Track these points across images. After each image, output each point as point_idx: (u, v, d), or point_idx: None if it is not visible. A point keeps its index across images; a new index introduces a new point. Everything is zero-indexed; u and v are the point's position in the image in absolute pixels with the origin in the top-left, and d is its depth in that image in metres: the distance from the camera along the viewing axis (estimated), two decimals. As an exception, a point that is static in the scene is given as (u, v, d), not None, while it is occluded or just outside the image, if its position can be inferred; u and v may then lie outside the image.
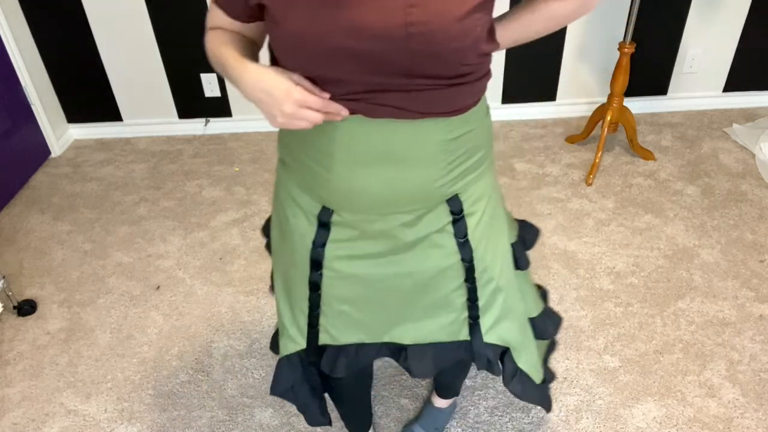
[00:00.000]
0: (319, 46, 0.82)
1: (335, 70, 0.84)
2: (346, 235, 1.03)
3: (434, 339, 1.15)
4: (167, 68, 2.99)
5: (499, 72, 3.03)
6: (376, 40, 0.80)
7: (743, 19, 2.90)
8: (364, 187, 0.96)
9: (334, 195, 0.99)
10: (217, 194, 2.68)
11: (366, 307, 1.11)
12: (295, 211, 1.06)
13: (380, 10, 0.78)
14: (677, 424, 1.65)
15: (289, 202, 1.06)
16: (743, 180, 2.60)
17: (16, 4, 2.78)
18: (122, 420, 1.75)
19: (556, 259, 2.22)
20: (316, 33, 0.81)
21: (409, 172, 0.94)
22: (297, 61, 0.86)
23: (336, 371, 1.17)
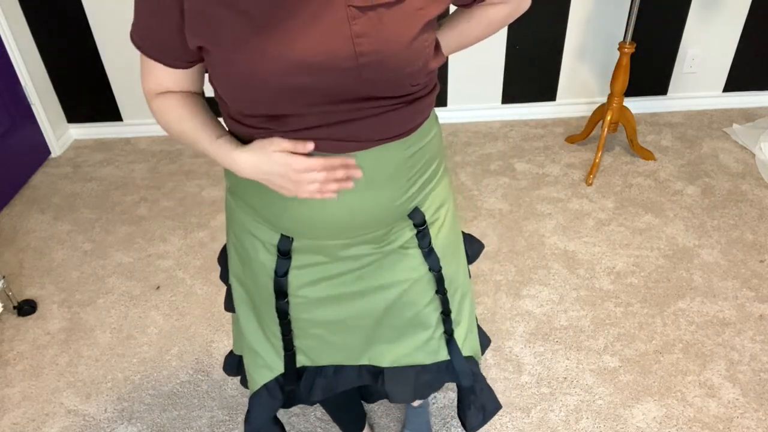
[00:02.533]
0: (269, 85, 0.79)
1: (286, 106, 0.82)
2: (308, 260, 1.00)
3: (414, 361, 1.11)
4: (167, 68, 2.99)
5: (499, 72, 3.03)
6: (328, 73, 0.78)
7: (743, 19, 2.90)
8: (327, 216, 0.93)
9: (294, 224, 0.95)
10: (217, 194, 2.68)
11: (339, 329, 1.07)
12: (252, 243, 1.02)
13: (328, 43, 0.77)
14: (677, 424, 1.65)
15: (245, 234, 1.02)
16: (743, 180, 2.60)
17: (16, 4, 2.78)
18: (122, 420, 1.75)
19: (556, 259, 2.22)
20: (265, 72, 0.78)
21: (372, 196, 0.92)
22: (245, 101, 0.83)
23: (314, 395, 1.14)
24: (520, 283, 2.13)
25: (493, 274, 2.16)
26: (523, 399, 1.74)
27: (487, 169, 2.75)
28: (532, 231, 2.37)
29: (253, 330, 1.12)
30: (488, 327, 1.96)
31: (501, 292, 2.09)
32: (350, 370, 1.14)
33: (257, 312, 1.10)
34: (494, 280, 2.14)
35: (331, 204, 0.91)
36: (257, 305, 1.09)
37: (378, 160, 0.90)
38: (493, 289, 2.11)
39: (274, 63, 0.77)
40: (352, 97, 0.82)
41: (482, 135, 3.03)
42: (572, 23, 2.89)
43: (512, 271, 2.18)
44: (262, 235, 1.00)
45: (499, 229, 2.39)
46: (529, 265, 2.20)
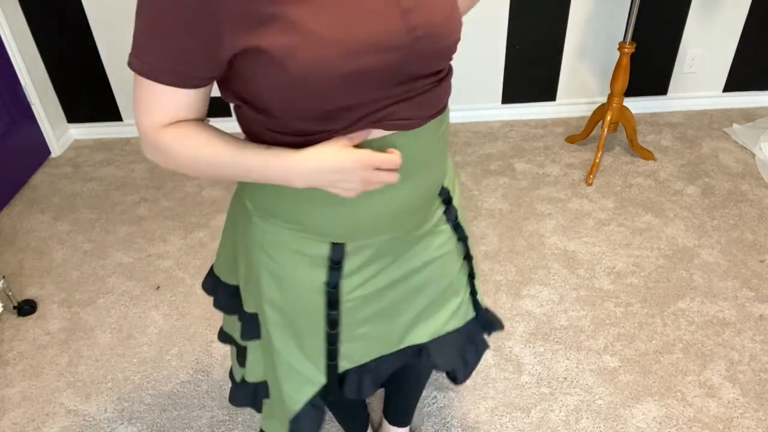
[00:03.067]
0: (334, 75, 0.74)
1: (344, 97, 0.78)
2: (359, 261, 0.98)
3: (450, 328, 1.14)
4: (167, 68, 2.99)
5: (499, 72, 3.03)
6: (387, 53, 0.77)
7: (743, 19, 2.90)
8: (389, 209, 0.92)
9: (353, 228, 0.92)
10: (217, 194, 2.68)
11: (382, 321, 1.07)
12: (296, 261, 0.96)
13: (382, 22, 0.76)
14: (677, 424, 1.65)
15: (285, 254, 0.96)
16: (743, 180, 2.60)
17: (16, 5, 2.78)
18: (122, 420, 1.75)
19: (556, 259, 2.22)
20: (329, 60, 0.74)
21: (422, 178, 0.92)
22: (301, 102, 0.77)
23: (363, 392, 1.14)
24: (520, 283, 2.13)
25: (493, 274, 2.17)
26: (523, 399, 1.74)
27: (487, 169, 2.75)
28: (532, 231, 2.37)
29: (290, 352, 1.07)
30: (488, 327, 1.96)
31: (501, 292, 2.09)
32: (390, 355, 1.15)
33: (296, 333, 1.05)
34: (494, 280, 2.14)
35: (391, 198, 0.90)
36: (297, 325, 1.04)
37: (422, 140, 0.90)
38: (493, 289, 2.11)
39: (337, 47, 0.73)
40: (404, 78, 0.81)
41: (482, 135, 3.03)
42: (572, 23, 2.89)
43: (512, 271, 2.18)
44: (310, 250, 0.95)
45: (499, 229, 2.39)
46: (529, 265, 2.20)
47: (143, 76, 0.76)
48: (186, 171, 0.82)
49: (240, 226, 1.02)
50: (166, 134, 0.79)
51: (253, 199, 0.96)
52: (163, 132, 0.79)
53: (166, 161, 0.81)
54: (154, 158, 0.82)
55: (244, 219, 0.99)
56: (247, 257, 1.01)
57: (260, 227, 0.96)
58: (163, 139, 0.79)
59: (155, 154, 0.81)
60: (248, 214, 0.98)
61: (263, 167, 0.80)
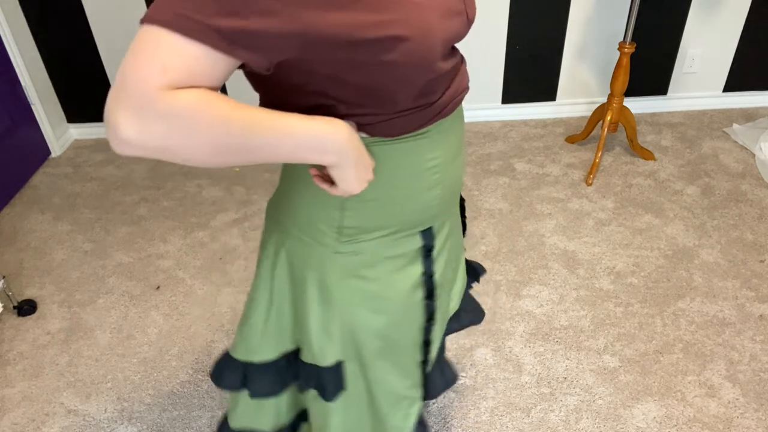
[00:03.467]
0: (438, 39, 0.73)
1: (440, 64, 0.76)
2: (440, 240, 0.98)
3: (464, 285, 1.19)
4: (167, 68, 2.99)
5: (499, 72, 3.03)
6: (458, 16, 0.77)
7: (743, 19, 2.90)
8: (457, 182, 0.94)
9: (440, 207, 0.93)
10: (217, 194, 2.68)
11: (446, 299, 1.09)
12: (392, 269, 0.93)
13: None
14: (677, 424, 1.65)
15: (381, 269, 0.92)
16: (743, 180, 2.60)
17: (16, 5, 2.78)
18: (122, 420, 1.75)
19: (556, 259, 2.22)
20: (435, 23, 0.72)
21: (464, 151, 0.96)
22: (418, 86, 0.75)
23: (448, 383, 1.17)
24: (520, 283, 2.13)
25: (493, 274, 2.16)
26: (523, 399, 1.74)
27: (487, 169, 2.75)
28: (532, 231, 2.37)
29: (392, 377, 1.03)
30: (488, 327, 1.96)
31: (501, 292, 2.09)
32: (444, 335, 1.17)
33: (393, 353, 1.01)
34: (494, 280, 2.14)
35: (457, 167, 0.93)
36: (396, 341, 1.00)
37: (460, 115, 0.92)
38: (493, 289, 2.11)
39: (435, 10, 0.72)
40: (454, 46, 0.83)
41: (482, 135, 3.03)
42: (572, 23, 2.89)
43: (512, 271, 2.18)
44: (404, 248, 0.93)
45: (499, 229, 2.39)
46: (529, 265, 2.20)
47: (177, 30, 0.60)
48: (204, 146, 0.64)
49: (309, 277, 0.92)
50: (185, 93, 0.61)
51: (338, 226, 0.88)
52: (180, 92, 0.61)
53: (177, 133, 0.61)
54: (150, 130, 0.60)
55: (319, 263, 0.91)
56: (328, 302, 0.93)
57: (348, 255, 0.90)
58: (181, 99, 0.61)
59: (157, 122, 0.60)
60: (328, 252, 0.89)
61: (308, 128, 0.69)
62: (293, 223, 0.90)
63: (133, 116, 0.60)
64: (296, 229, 0.90)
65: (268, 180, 2.75)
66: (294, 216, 0.90)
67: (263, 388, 1.05)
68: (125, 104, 0.60)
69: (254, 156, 0.68)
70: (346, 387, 1.01)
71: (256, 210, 2.56)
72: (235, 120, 0.64)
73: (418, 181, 0.87)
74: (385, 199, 0.86)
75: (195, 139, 0.63)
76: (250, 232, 2.44)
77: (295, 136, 0.69)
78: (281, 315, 0.99)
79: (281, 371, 1.05)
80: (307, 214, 0.88)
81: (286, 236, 0.92)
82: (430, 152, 0.86)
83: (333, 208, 0.86)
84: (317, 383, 1.00)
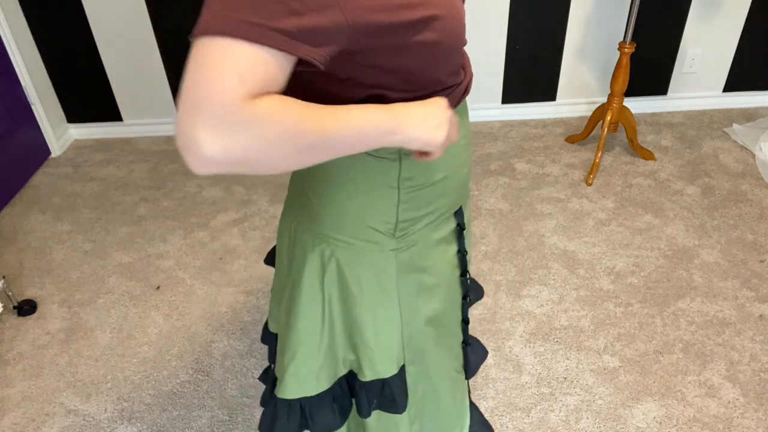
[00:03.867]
0: (461, 20, 0.76)
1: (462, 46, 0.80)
2: (466, 218, 1.04)
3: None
4: (167, 68, 2.99)
5: (499, 72, 3.03)
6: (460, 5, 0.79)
7: (743, 19, 2.90)
8: (468, 164, 0.98)
9: (466, 187, 0.99)
10: (217, 194, 2.68)
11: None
12: (440, 253, 0.95)
13: None
14: (677, 424, 1.65)
15: (431, 256, 0.93)
16: (743, 180, 2.60)
17: (16, 4, 2.78)
18: (122, 420, 1.75)
19: (556, 259, 2.22)
20: (460, 12, 0.75)
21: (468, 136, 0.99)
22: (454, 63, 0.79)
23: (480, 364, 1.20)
24: (520, 283, 2.13)
25: (493, 274, 2.16)
26: (523, 399, 1.74)
27: (487, 169, 2.75)
28: (532, 231, 2.37)
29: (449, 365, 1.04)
30: (488, 327, 1.96)
31: (501, 292, 2.09)
32: None
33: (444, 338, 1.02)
34: (494, 280, 2.14)
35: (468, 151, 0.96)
36: (446, 324, 1.01)
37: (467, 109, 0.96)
38: (493, 289, 2.11)
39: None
40: None
41: (482, 135, 3.03)
42: (572, 23, 2.89)
43: (512, 271, 2.18)
44: (444, 231, 0.96)
45: (499, 229, 2.39)
46: (529, 265, 2.20)
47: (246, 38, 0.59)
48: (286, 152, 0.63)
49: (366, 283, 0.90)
50: (262, 100, 0.60)
51: (395, 222, 0.87)
52: (259, 100, 0.60)
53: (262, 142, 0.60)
54: (236, 143, 0.58)
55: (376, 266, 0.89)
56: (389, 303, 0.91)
57: (404, 249, 0.89)
58: (263, 106, 0.60)
59: (243, 134, 0.58)
60: (383, 252, 0.88)
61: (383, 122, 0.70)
62: (342, 231, 0.88)
63: (217, 132, 0.57)
64: (347, 236, 0.88)
65: (268, 180, 2.75)
66: (342, 224, 0.87)
67: (326, 421, 0.99)
68: (206, 121, 0.57)
69: (334, 150, 0.67)
70: (409, 394, 0.99)
71: (256, 210, 2.56)
72: (308, 118, 0.64)
73: (455, 162, 0.91)
74: (435, 184, 0.88)
75: (280, 145, 0.62)
76: (250, 232, 2.44)
77: (359, 128, 0.68)
78: (333, 334, 0.94)
79: (339, 399, 0.99)
80: (360, 218, 0.86)
81: (334, 247, 0.88)
82: (460, 131, 0.91)
83: (389, 205, 0.85)
84: (384, 400, 0.96)
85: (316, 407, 0.98)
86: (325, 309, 0.92)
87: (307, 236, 0.91)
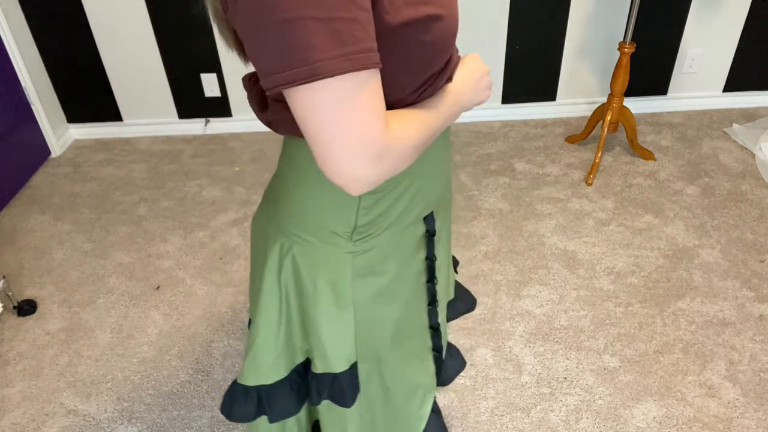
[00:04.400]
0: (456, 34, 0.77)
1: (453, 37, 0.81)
2: (439, 223, 1.00)
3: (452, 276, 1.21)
4: (167, 68, 2.99)
5: (499, 72, 3.03)
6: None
7: (743, 19, 2.90)
8: (450, 165, 0.97)
9: (439, 192, 0.96)
10: (217, 194, 2.68)
11: (445, 282, 1.11)
12: (402, 259, 0.94)
13: None
14: (677, 424, 1.65)
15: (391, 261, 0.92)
16: (743, 180, 2.60)
17: (16, 5, 2.78)
18: (122, 420, 1.75)
19: (556, 259, 2.22)
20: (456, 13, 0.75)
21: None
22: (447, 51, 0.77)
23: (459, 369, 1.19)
24: (520, 283, 2.13)
25: (493, 274, 2.16)
26: (523, 399, 1.74)
27: (487, 169, 2.75)
28: (532, 231, 2.37)
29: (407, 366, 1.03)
30: (488, 327, 1.96)
31: (501, 292, 2.09)
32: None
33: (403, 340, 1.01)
34: (494, 280, 2.14)
35: (447, 157, 0.95)
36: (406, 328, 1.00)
37: None
38: (493, 289, 2.11)
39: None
40: None
41: (482, 135, 3.03)
42: (572, 23, 2.89)
43: (512, 271, 2.18)
44: (411, 237, 0.93)
45: (499, 229, 2.39)
46: (529, 265, 2.20)
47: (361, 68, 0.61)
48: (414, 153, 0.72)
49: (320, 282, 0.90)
50: (392, 125, 0.68)
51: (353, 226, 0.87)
52: (392, 126, 0.67)
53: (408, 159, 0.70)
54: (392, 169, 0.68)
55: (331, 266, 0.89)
56: (343, 304, 0.92)
57: (362, 253, 0.89)
58: (395, 131, 0.67)
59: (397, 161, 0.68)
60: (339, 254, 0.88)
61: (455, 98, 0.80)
62: (301, 228, 0.88)
63: (373, 165, 0.65)
64: (305, 233, 0.88)
65: (268, 180, 2.75)
66: (302, 221, 0.87)
67: (283, 408, 1.02)
68: (362, 159, 0.64)
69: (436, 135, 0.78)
70: (360, 389, 0.99)
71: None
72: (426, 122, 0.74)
73: (427, 168, 0.88)
74: (396, 189, 0.86)
75: (417, 151, 0.72)
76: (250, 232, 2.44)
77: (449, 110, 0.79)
78: (291, 326, 0.96)
79: (296, 386, 1.02)
80: (318, 218, 0.86)
81: (292, 242, 0.89)
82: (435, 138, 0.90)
83: (349, 208, 0.85)
84: (333, 392, 0.98)
85: (273, 394, 1.00)
86: (282, 301, 0.94)
87: (271, 228, 0.92)
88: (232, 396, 1.03)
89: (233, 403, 1.02)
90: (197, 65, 2.98)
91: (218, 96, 3.08)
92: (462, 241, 2.33)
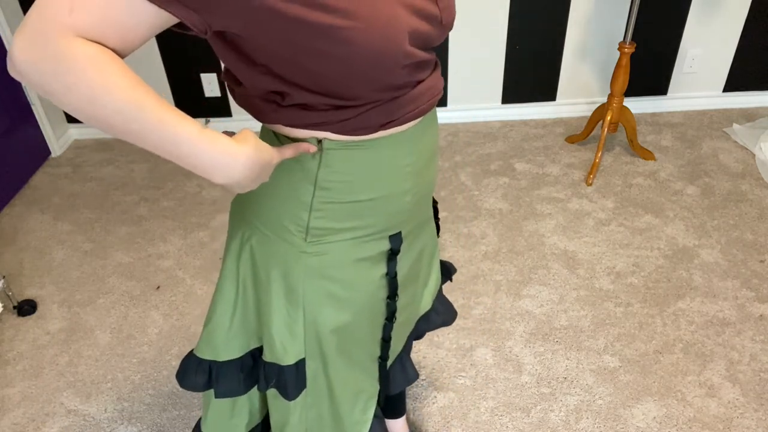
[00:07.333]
0: (401, 44, 0.72)
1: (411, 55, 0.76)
2: (406, 244, 0.99)
3: (438, 285, 1.21)
4: (167, 68, 2.99)
5: (499, 72, 3.03)
6: (427, 20, 0.77)
7: (743, 19, 2.90)
8: (428, 188, 0.96)
9: (411, 213, 0.94)
10: (217, 194, 2.68)
11: (411, 298, 1.10)
12: (357, 270, 0.93)
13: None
14: (677, 424, 1.65)
15: (347, 270, 0.92)
16: (743, 180, 2.60)
17: (16, 5, 2.78)
18: (122, 420, 1.75)
19: (556, 259, 2.22)
20: (396, 26, 0.71)
21: (436, 160, 0.96)
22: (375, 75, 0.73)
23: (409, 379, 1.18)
24: (520, 283, 2.13)
25: (493, 274, 2.17)
26: (523, 399, 1.74)
27: (487, 169, 2.76)
28: (532, 231, 2.37)
29: (350, 373, 1.03)
30: (488, 327, 1.96)
31: (501, 292, 2.09)
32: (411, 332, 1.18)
33: (349, 350, 1.01)
34: (494, 280, 2.14)
35: (429, 173, 0.94)
36: (355, 338, 1.00)
37: (435, 126, 0.93)
38: (493, 289, 2.11)
39: (397, 13, 0.72)
40: (430, 48, 0.82)
41: (482, 135, 3.03)
42: (572, 23, 2.89)
43: (512, 271, 2.18)
44: (371, 251, 0.92)
45: (499, 229, 2.39)
46: (529, 265, 2.20)
47: None
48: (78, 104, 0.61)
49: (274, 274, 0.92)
50: (84, 44, 0.59)
51: (305, 227, 0.87)
52: (78, 40, 0.59)
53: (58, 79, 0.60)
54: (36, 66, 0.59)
55: (285, 261, 0.90)
56: (293, 300, 0.93)
57: (315, 255, 0.89)
58: (77, 48, 0.59)
59: (45, 62, 0.59)
60: (293, 251, 0.89)
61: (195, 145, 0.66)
62: (260, 219, 0.90)
63: (27, 43, 0.59)
64: (263, 225, 0.89)
65: (268, 180, 2.75)
66: (261, 212, 0.89)
67: (229, 387, 1.04)
68: (25, 32, 0.59)
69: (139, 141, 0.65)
70: (307, 385, 1.01)
71: (256, 210, 2.56)
72: (118, 96, 0.61)
73: (390, 186, 0.87)
74: (356, 203, 0.86)
75: (74, 95, 0.60)
76: (250, 232, 2.44)
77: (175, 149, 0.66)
78: (246, 312, 0.99)
79: (247, 369, 1.05)
80: (274, 212, 0.87)
81: (252, 232, 0.91)
82: (404, 158, 0.87)
83: (301, 208, 0.86)
84: (278, 382, 1.00)
85: (222, 372, 1.03)
86: (239, 286, 0.97)
87: (236, 216, 0.95)
88: (186, 365, 1.07)
89: (186, 372, 1.06)
90: (197, 65, 2.98)
91: (218, 96, 3.08)
92: (462, 241, 2.33)
